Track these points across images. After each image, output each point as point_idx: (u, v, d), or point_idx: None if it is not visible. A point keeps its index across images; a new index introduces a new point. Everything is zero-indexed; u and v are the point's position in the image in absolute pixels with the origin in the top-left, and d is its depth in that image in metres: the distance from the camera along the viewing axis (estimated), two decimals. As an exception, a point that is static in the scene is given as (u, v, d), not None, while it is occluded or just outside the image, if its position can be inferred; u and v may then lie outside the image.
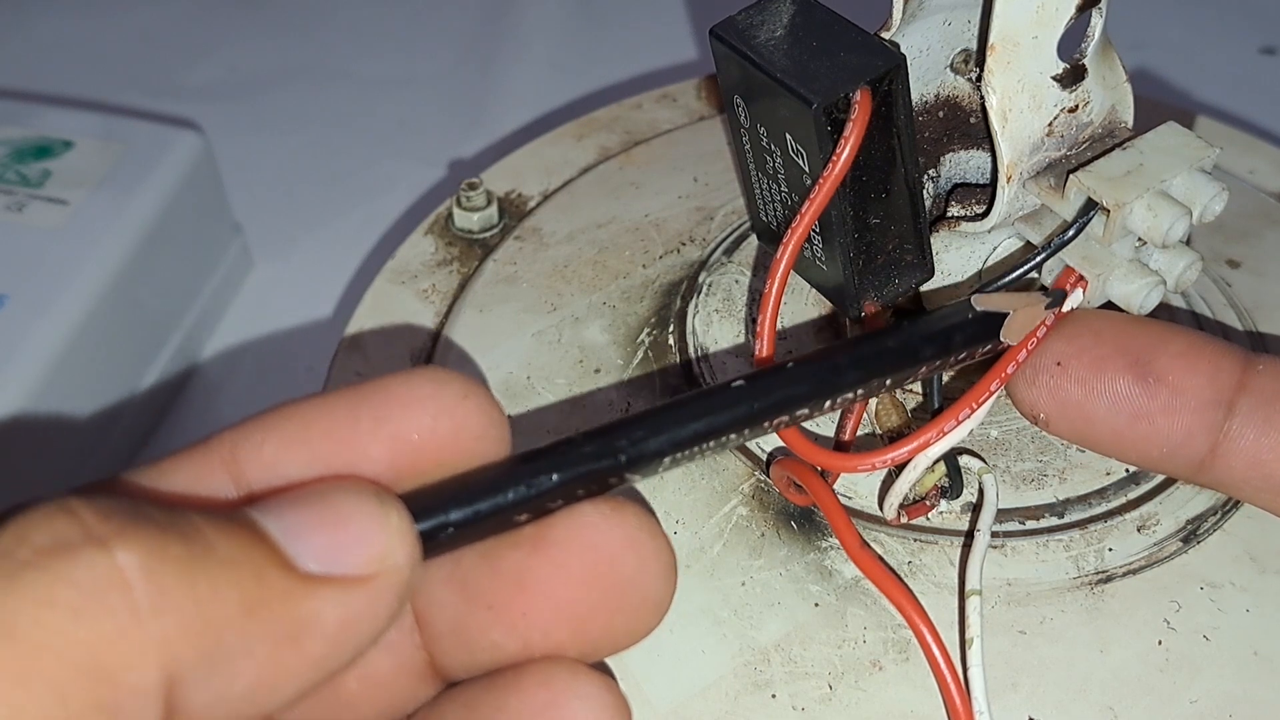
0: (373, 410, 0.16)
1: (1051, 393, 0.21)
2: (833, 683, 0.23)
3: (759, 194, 0.26)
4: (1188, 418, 0.20)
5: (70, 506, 0.13)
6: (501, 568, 0.16)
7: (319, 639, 0.14)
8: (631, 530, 0.16)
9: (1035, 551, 0.25)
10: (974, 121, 0.26)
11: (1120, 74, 0.25)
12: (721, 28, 0.24)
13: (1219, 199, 0.23)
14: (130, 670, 0.13)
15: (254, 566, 0.14)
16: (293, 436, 0.16)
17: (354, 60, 0.51)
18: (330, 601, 0.14)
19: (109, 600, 0.13)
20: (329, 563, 0.14)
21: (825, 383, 0.18)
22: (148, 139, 0.39)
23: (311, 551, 0.14)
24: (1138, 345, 0.21)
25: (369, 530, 0.15)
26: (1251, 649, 0.23)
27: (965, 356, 0.20)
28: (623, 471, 0.17)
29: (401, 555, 0.15)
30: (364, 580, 0.14)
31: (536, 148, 0.36)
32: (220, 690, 0.14)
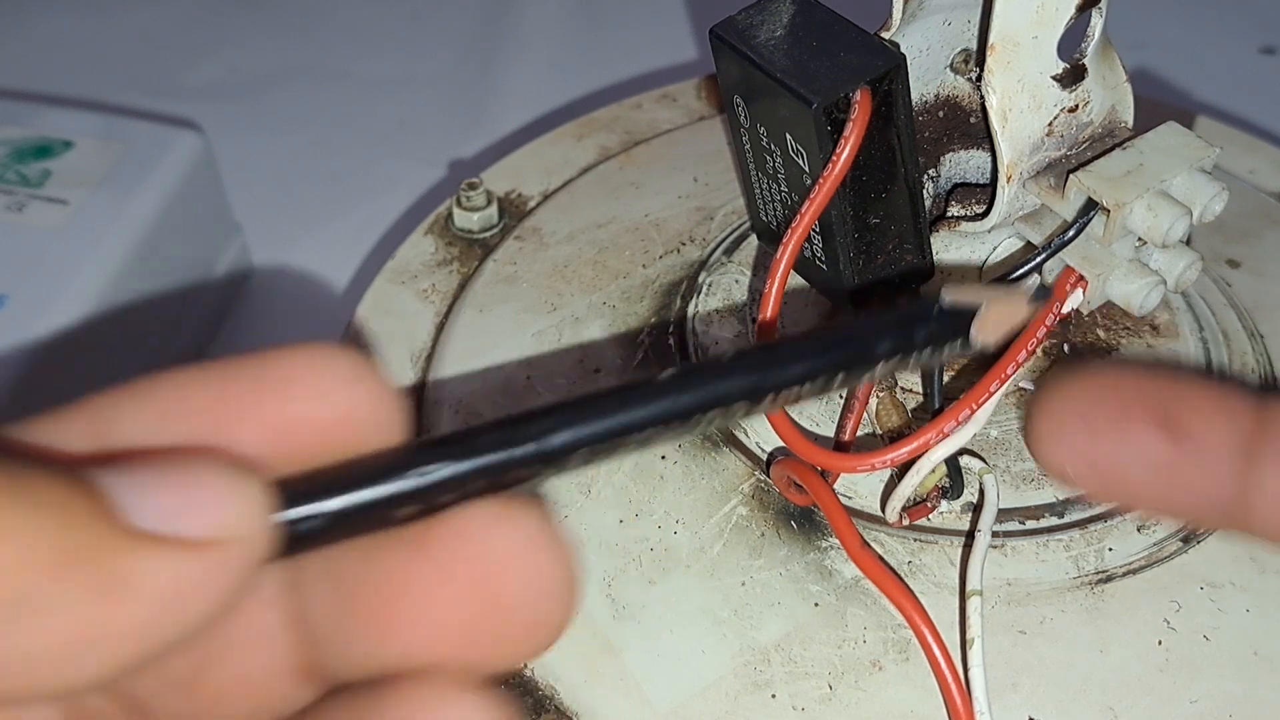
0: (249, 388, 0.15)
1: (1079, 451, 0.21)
2: (833, 683, 0.23)
3: (759, 194, 0.26)
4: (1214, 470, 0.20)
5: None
6: (381, 570, 0.15)
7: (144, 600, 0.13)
8: (526, 537, 0.15)
9: (1035, 551, 0.25)
10: (974, 121, 0.26)
11: (1120, 74, 0.25)
12: (721, 28, 0.24)
13: (1219, 199, 0.23)
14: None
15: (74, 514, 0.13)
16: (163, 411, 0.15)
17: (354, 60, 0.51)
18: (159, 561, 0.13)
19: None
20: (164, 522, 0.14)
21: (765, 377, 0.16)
22: (148, 139, 0.39)
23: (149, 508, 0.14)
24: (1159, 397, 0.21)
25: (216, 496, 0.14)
26: (1251, 649, 0.23)
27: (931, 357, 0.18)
28: (529, 463, 0.15)
29: (248, 526, 0.14)
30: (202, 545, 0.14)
31: (536, 148, 0.36)
32: (23, 643, 0.13)
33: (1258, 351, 0.28)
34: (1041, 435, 0.21)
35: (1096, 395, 0.21)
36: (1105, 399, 0.21)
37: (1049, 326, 0.23)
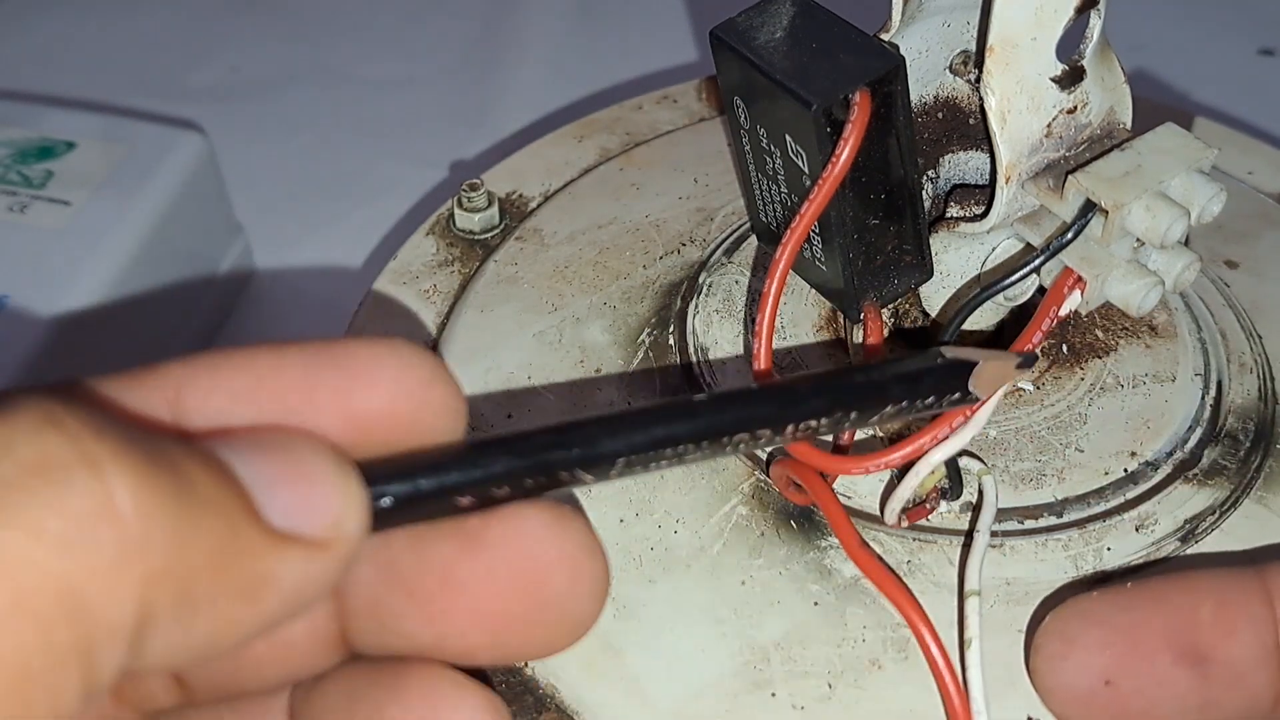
0: (332, 380, 0.15)
1: (1112, 713, 0.20)
2: (832, 682, 0.23)
3: (759, 195, 0.26)
4: (1250, 681, 0.20)
5: (58, 418, 0.12)
6: (430, 558, 0.16)
7: (274, 598, 0.14)
8: (571, 545, 0.16)
9: (1034, 551, 0.25)
10: (973, 123, 0.26)
11: (1119, 75, 0.25)
12: (722, 29, 0.24)
13: (1217, 200, 0.23)
14: (110, 610, 0.12)
15: (230, 514, 0.13)
16: (243, 391, 0.15)
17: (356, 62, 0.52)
18: (291, 561, 0.14)
19: (99, 533, 0.12)
20: (291, 520, 0.14)
21: (789, 407, 0.18)
22: (150, 140, 0.39)
23: (277, 506, 0.14)
24: (1174, 630, 0.20)
25: (330, 493, 0.14)
26: (1249, 648, 0.23)
27: (932, 404, 0.19)
28: (574, 467, 0.16)
29: (354, 523, 0.14)
30: (321, 544, 0.14)
31: (537, 149, 0.36)
32: (180, 637, 0.13)
33: (1255, 352, 0.28)
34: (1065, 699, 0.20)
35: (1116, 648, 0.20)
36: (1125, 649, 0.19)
37: (1047, 329, 0.23)
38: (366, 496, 0.14)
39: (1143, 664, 0.20)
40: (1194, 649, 0.20)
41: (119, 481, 0.12)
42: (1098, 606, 0.21)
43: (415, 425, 0.15)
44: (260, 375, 0.15)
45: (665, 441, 0.17)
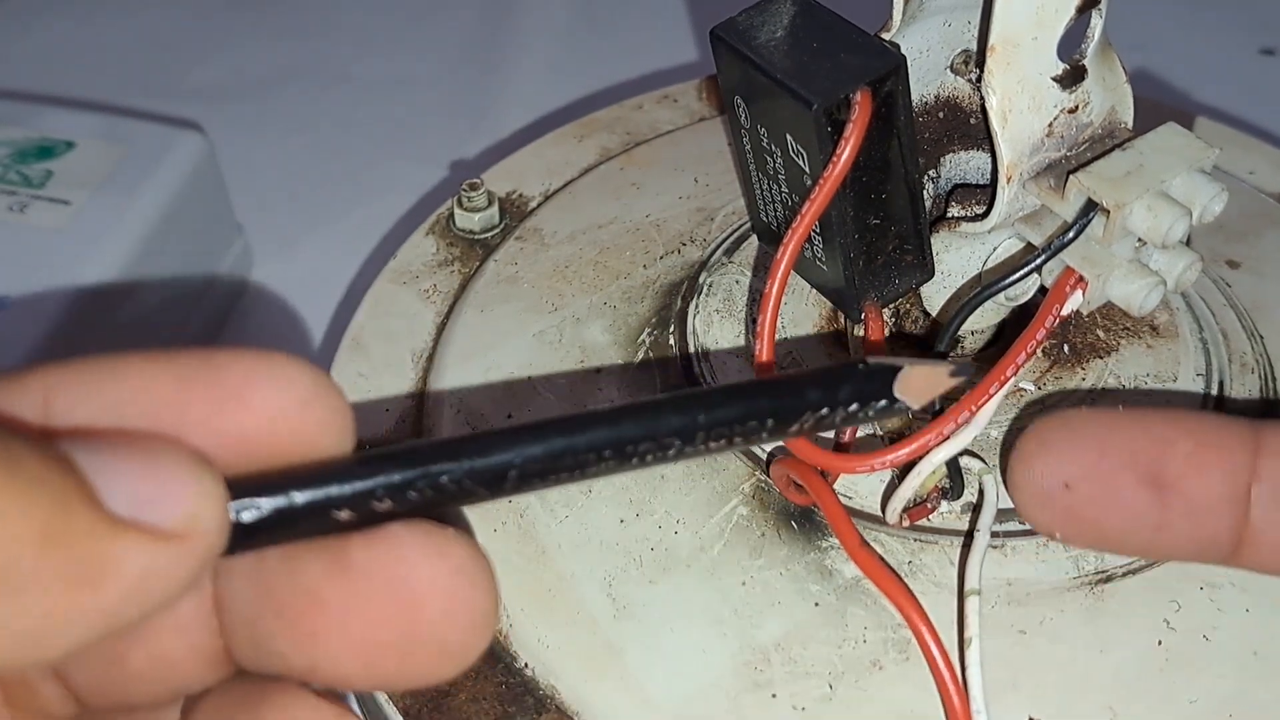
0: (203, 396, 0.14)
1: (1065, 516, 0.20)
2: (833, 682, 0.23)
3: (759, 194, 0.26)
4: (1208, 520, 0.20)
5: None
6: (300, 578, 0.15)
7: (115, 587, 0.13)
8: (448, 570, 0.15)
9: (1035, 551, 0.25)
10: (974, 122, 0.26)
11: (1120, 75, 0.25)
12: (722, 29, 0.24)
13: (1218, 199, 0.23)
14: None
15: (61, 493, 0.13)
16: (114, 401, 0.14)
17: (356, 61, 0.52)
18: (134, 549, 0.13)
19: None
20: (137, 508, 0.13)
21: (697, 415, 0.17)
22: (150, 140, 0.39)
23: (121, 493, 0.13)
24: (1145, 453, 0.20)
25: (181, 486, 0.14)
26: (1251, 649, 0.23)
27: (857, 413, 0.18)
28: (463, 479, 0.15)
29: (210, 520, 0.14)
30: (170, 536, 0.13)
31: (538, 148, 0.36)
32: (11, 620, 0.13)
33: (1257, 352, 0.28)
34: (1026, 497, 0.21)
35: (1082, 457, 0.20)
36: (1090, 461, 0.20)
37: (1049, 328, 0.23)
38: (223, 494, 0.14)
39: (1103, 475, 0.20)
40: (1158, 475, 0.20)
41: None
42: (1080, 418, 0.21)
43: (297, 442, 0.15)
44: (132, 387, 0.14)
45: (563, 453, 0.16)
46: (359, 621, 0.15)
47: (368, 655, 0.15)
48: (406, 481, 0.15)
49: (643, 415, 0.16)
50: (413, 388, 0.30)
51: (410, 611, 0.15)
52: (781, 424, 0.18)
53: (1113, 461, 0.20)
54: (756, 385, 0.18)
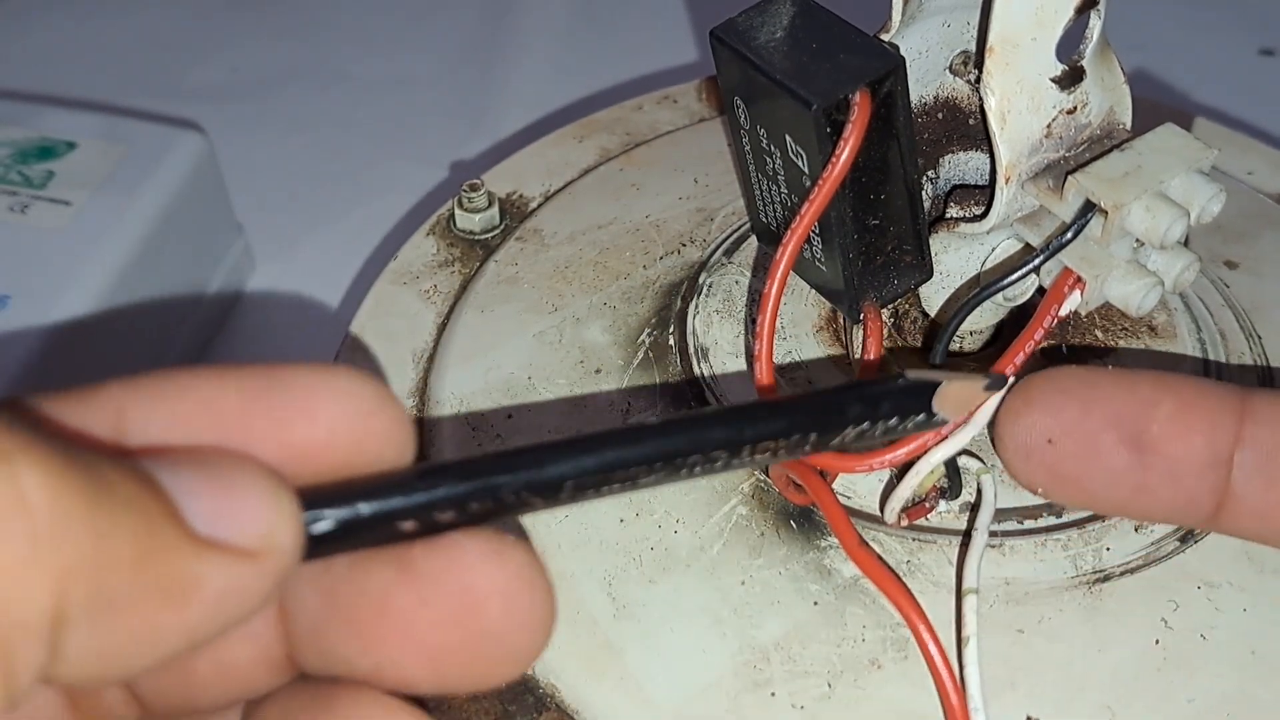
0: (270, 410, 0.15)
1: (1047, 471, 0.21)
2: (832, 681, 0.23)
3: (759, 195, 0.26)
4: (1188, 483, 0.20)
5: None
6: (368, 585, 0.15)
7: (199, 605, 0.14)
8: (510, 576, 0.15)
9: (1033, 551, 0.25)
10: (973, 123, 0.26)
11: (1119, 75, 0.25)
12: (722, 29, 0.24)
13: (1217, 200, 0.23)
14: (22, 603, 0.12)
15: (150, 514, 0.13)
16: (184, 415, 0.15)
17: (356, 61, 0.52)
18: (216, 567, 0.13)
19: (9, 526, 0.12)
20: (217, 528, 0.14)
21: (745, 430, 0.17)
22: (150, 140, 0.39)
23: (201, 512, 0.14)
24: (1128, 413, 0.20)
25: (258, 505, 0.14)
26: (1249, 648, 0.23)
27: (896, 427, 0.19)
28: (521, 491, 0.16)
29: (286, 537, 0.14)
30: (249, 554, 0.14)
31: (538, 149, 0.36)
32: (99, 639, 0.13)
33: (1255, 352, 0.29)
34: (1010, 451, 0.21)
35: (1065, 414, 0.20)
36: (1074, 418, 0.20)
37: (1047, 328, 0.23)
38: (298, 512, 0.14)
39: (1085, 433, 0.20)
40: (1140, 436, 0.20)
41: (30, 474, 0.12)
42: (1067, 376, 0.21)
43: (359, 454, 0.15)
44: (201, 401, 0.15)
45: (616, 465, 0.16)
46: (425, 626, 0.15)
47: (433, 659, 0.15)
48: (468, 494, 0.15)
49: (692, 429, 0.17)
50: (413, 388, 0.30)
51: (474, 615, 0.15)
52: (824, 439, 0.18)
53: (1096, 419, 0.20)
54: (801, 401, 0.18)
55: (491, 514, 0.16)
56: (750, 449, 0.17)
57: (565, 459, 0.16)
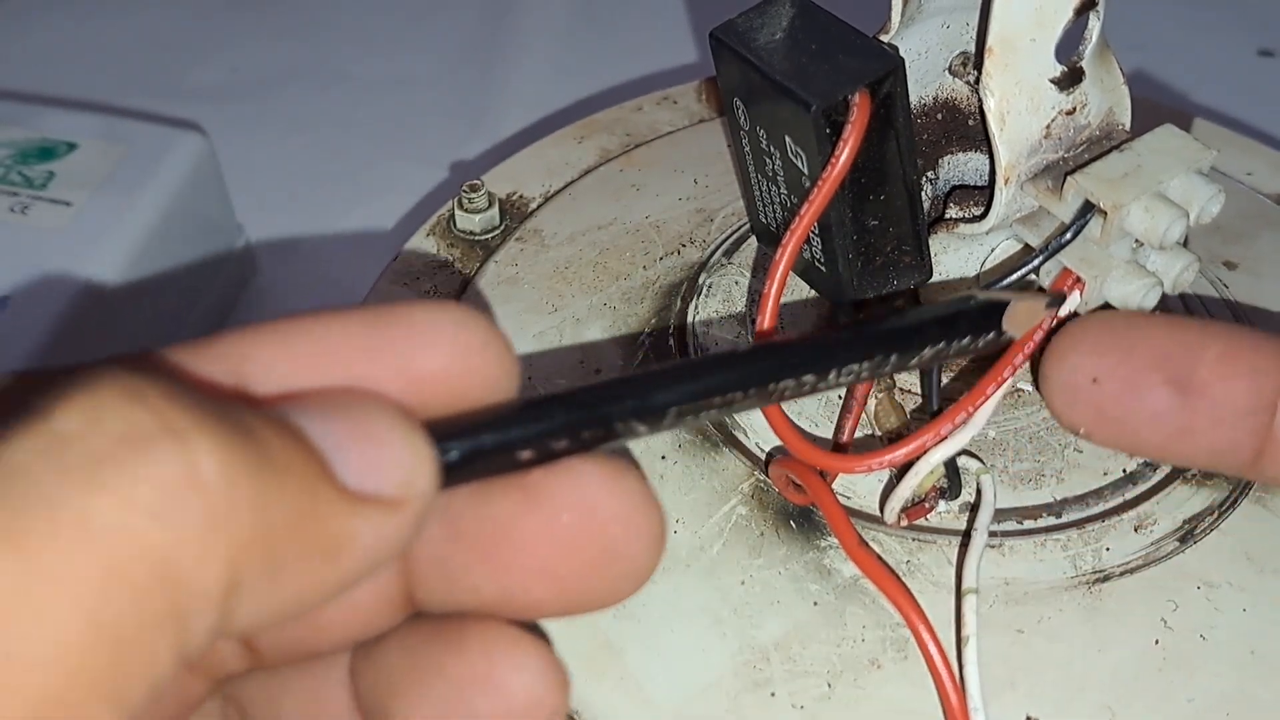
0: (393, 343, 0.15)
1: (1091, 411, 0.21)
2: (832, 681, 0.23)
3: (758, 196, 0.26)
4: (1231, 427, 0.20)
5: (139, 390, 0.12)
6: (492, 514, 0.16)
7: (351, 559, 0.14)
8: (628, 497, 0.16)
9: (1033, 551, 0.25)
10: (972, 124, 0.26)
11: (1118, 76, 0.25)
12: (721, 30, 0.24)
13: (1216, 200, 0.23)
14: (200, 576, 0.12)
15: (307, 477, 0.13)
16: (307, 357, 0.15)
17: (356, 62, 0.52)
18: (367, 521, 0.14)
19: (188, 502, 0.12)
20: (366, 480, 0.14)
21: (831, 354, 0.19)
22: (151, 140, 0.39)
23: (351, 467, 0.14)
24: (1174, 355, 0.20)
25: (399, 452, 0.14)
26: (1248, 648, 0.24)
27: (968, 345, 0.20)
28: (629, 419, 0.16)
29: (425, 481, 0.14)
30: (394, 502, 0.14)
31: (538, 150, 0.36)
32: (265, 600, 0.13)
33: None
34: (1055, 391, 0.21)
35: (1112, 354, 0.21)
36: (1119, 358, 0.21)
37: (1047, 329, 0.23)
38: (435, 454, 0.15)
39: (1130, 373, 0.21)
40: (1184, 378, 0.20)
41: (203, 451, 0.12)
42: (1115, 319, 0.22)
43: (472, 386, 0.16)
44: (322, 340, 0.15)
45: (714, 390, 0.17)
46: (551, 549, 0.16)
47: (560, 581, 0.16)
48: (580, 422, 0.16)
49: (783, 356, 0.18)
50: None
51: (597, 536, 0.16)
52: (903, 359, 0.20)
53: (1141, 361, 0.21)
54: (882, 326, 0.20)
55: (601, 441, 0.16)
56: (837, 373, 0.19)
57: (671, 387, 0.17)
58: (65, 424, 0.12)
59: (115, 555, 0.12)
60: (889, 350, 0.19)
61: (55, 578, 0.11)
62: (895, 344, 0.19)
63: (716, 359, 0.17)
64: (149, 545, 0.12)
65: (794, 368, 0.18)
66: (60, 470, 0.12)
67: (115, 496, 0.12)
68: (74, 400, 0.12)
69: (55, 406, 0.12)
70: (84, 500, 0.12)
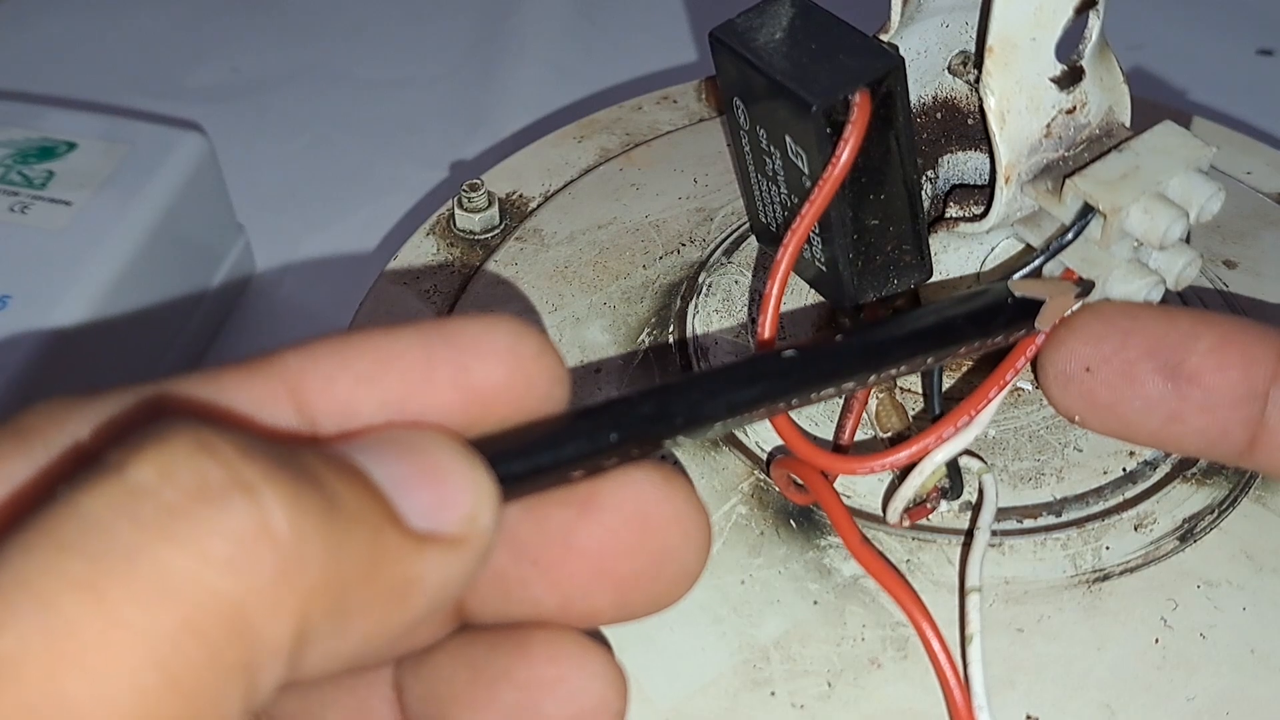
0: (451, 357, 0.15)
1: (1084, 398, 0.21)
2: (832, 680, 0.23)
3: (758, 195, 0.26)
4: (1223, 415, 0.20)
5: (210, 443, 0.13)
6: (549, 526, 0.16)
7: (419, 600, 0.14)
8: (680, 502, 0.16)
9: (1033, 550, 0.25)
10: (972, 123, 0.26)
11: (1118, 75, 0.25)
12: (721, 30, 0.24)
13: (1216, 199, 0.23)
14: (271, 628, 0.12)
15: (374, 522, 0.13)
16: (365, 374, 0.15)
17: (356, 62, 0.52)
18: (434, 562, 0.14)
19: (260, 554, 0.12)
20: (431, 521, 0.14)
21: (873, 357, 0.19)
22: (151, 140, 0.39)
23: (415, 507, 0.14)
24: (1167, 344, 0.21)
25: (463, 489, 0.14)
26: (1248, 647, 0.24)
27: (1000, 341, 0.20)
28: (677, 433, 0.17)
29: (488, 516, 0.14)
30: (461, 540, 0.14)
31: (537, 149, 0.36)
32: (334, 648, 0.13)
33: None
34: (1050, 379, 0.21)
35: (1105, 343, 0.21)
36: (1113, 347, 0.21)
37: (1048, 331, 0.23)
38: (496, 487, 0.15)
39: (1123, 361, 0.21)
40: (1176, 366, 0.21)
41: (273, 503, 0.12)
42: (1110, 309, 0.22)
43: (527, 397, 0.16)
44: (381, 357, 0.15)
45: (760, 401, 0.17)
46: (610, 556, 0.16)
47: (618, 587, 0.16)
48: (633, 439, 0.16)
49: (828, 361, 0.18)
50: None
51: (653, 541, 0.16)
52: (939, 358, 0.20)
53: (1134, 349, 0.21)
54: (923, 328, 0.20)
55: (649, 454, 0.17)
56: (876, 376, 0.19)
57: (718, 398, 0.17)
58: (139, 476, 0.12)
59: (189, 607, 0.12)
60: (927, 354, 0.19)
61: (132, 628, 0.12)
62: (934, 347, 0.20)
63: (765, 369, 0.18)
64: (222, 598, 0.12)
65: (839, 375, 0.18)
66: (137, 523, 0.12)
67: (190, 549, 0.12)
68: (146, 452, 0.12)
69: (128, 458, 0.12)
70: (160, 553, 0.12)
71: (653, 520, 0.16)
